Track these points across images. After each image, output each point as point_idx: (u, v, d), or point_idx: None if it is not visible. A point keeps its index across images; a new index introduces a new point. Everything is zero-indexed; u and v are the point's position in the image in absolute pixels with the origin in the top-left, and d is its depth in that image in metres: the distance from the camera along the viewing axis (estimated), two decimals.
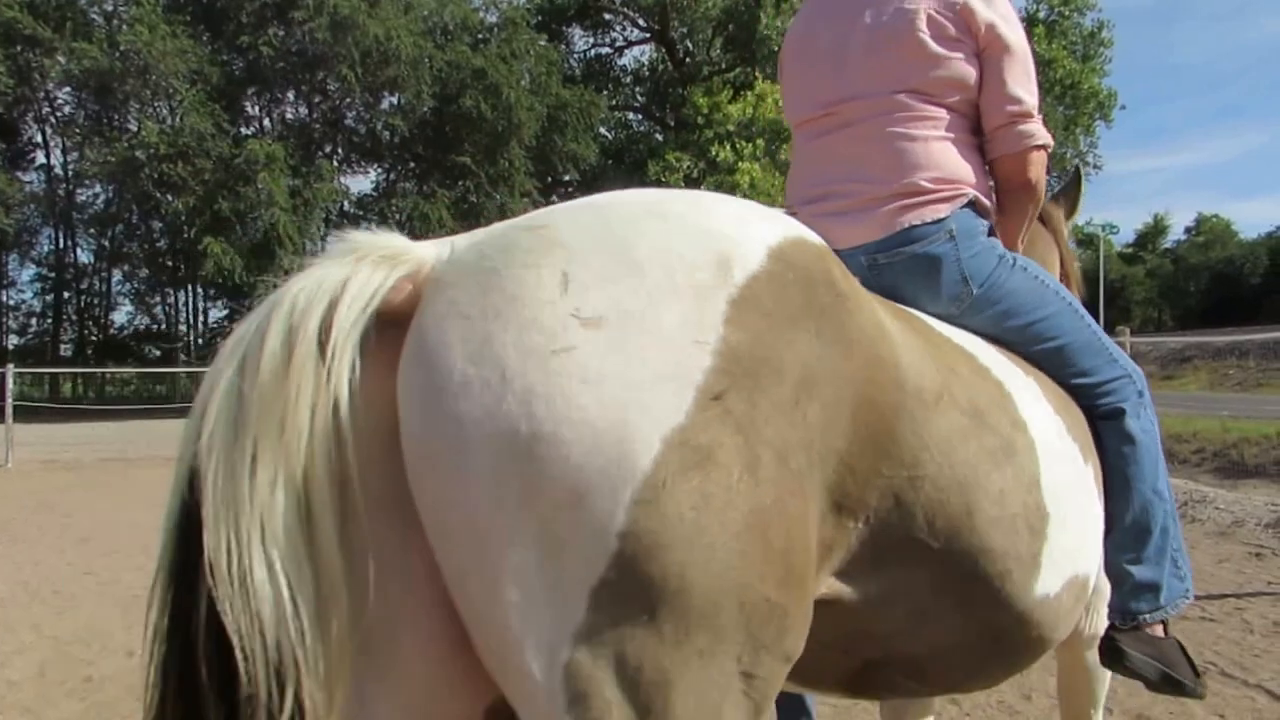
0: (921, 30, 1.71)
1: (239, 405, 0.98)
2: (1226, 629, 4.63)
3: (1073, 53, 36.20)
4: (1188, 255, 75.92)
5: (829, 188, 1.73)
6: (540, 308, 0.95)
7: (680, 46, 39.14)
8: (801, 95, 1.88)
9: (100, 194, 35.09)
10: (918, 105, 1.73)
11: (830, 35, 1.81)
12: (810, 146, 1.85)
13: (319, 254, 1.15)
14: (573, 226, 1.06)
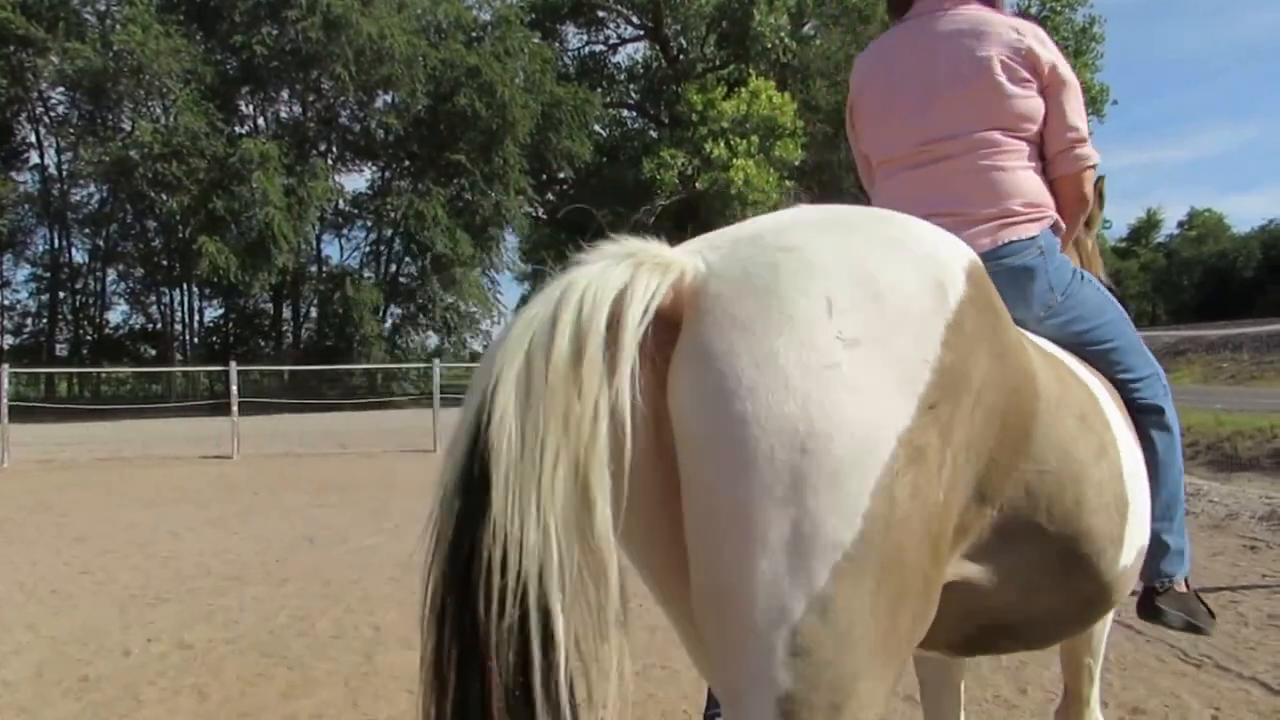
0: (999, 74, 1.96)
1: (529, 389, 1.10)
2: (1221, 622, 4.63)
3: (1064, 48, 36.25)
4: (1181, 249, 76.12)
5: (932, 210, 1.85)
6: (813, 329, 1.14)
7: (674, 43, 39.11)
8: (892, 136, 2.11)
9: (94, 194, 34.98)
10: (1002, 140, 1.99)
11: (913, 83, 2.05)
12: (907, 177, 2.07)
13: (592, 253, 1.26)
14: (822, 252, 1.23)
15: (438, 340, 36.31)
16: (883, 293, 1.20)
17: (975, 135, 1.98)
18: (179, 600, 5.71)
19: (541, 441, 1.08)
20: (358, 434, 18.98)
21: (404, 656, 4.47)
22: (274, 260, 28.96)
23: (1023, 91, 1.98)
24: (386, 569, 6.44)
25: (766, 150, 31.64)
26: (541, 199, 41.06)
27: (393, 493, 10.48)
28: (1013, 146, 2.00)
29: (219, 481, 11.94)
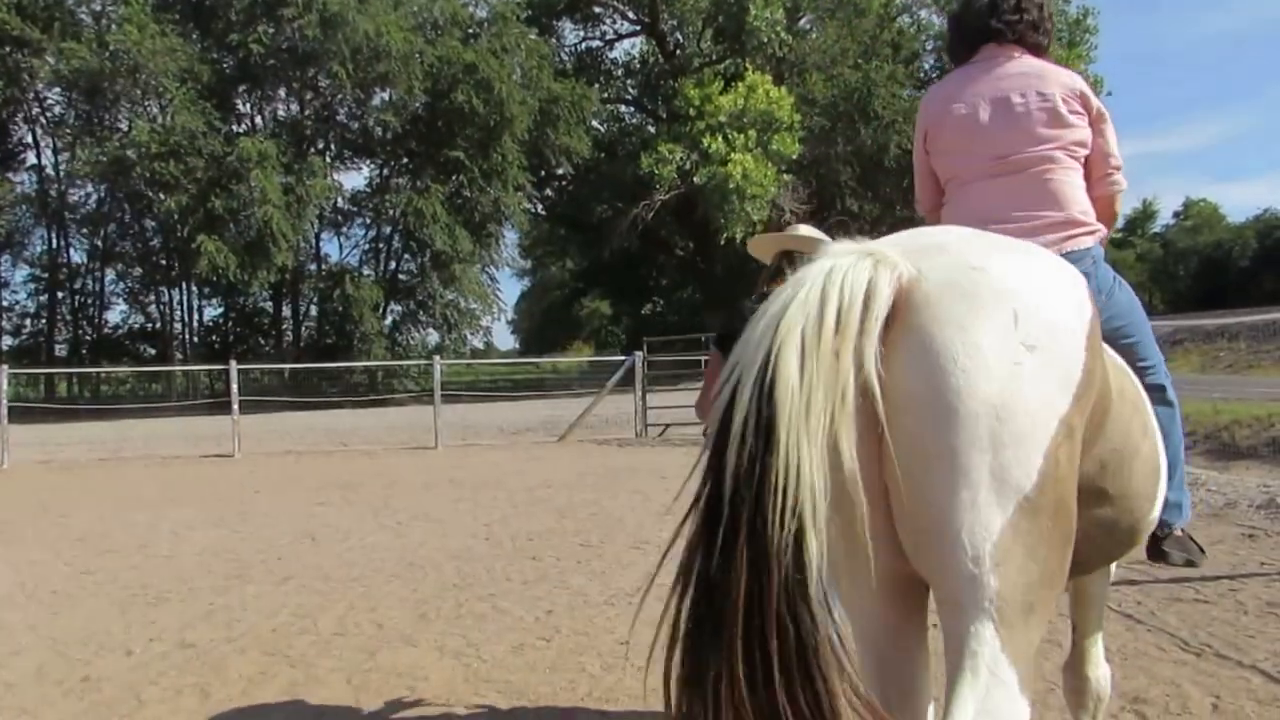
0: (1062, 109, 2.42)
1: (804, 354, 1.43)
2: (1220, 610, 4.65)
3: (1058, 40, 36.24)
4: (1177, 239, 76.06)
5: (1009, 214, 2.34)
6: (1007, 334, 1.51)
7: (670, 39, 39.07)
8: (970, 155, 2.50)
9: (92, 194, 35.02)
10: (1065, 160, 2.43)
11: (988, 112, 2.46)
12: (984, 187, 2.47)
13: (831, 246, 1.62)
14: (1006, 274, 1.59)
15: (438, 337, 36.34)
16: (1048, 310, 1.59)
17: (1045, 153, 2.41)
18: (180, 599, 5.72)
19: (809, 395, 1.41)
20: (359, 431, 19.00)
21: (406, 653, 4.48)
22: (273, 258, 28.95)
23: (1079, 122, 2.44)
24: (388, 566, 6.45)
25: (764, 144, 31.63)
26: (540, 195, 41.05)
27: (394, 490, 10.49)
28: (1069, 165, 2.44)
29: (220, 480, 11.95)
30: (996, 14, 2.53)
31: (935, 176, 2.67)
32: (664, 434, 16.07)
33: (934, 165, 2.65)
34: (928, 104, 2.64)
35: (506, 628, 4.88)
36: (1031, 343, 1.53)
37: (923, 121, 2.65)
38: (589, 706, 3.75)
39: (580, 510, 8.72)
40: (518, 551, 6.87)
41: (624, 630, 4.74)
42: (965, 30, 2.62)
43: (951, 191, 2.59)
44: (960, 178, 2.54)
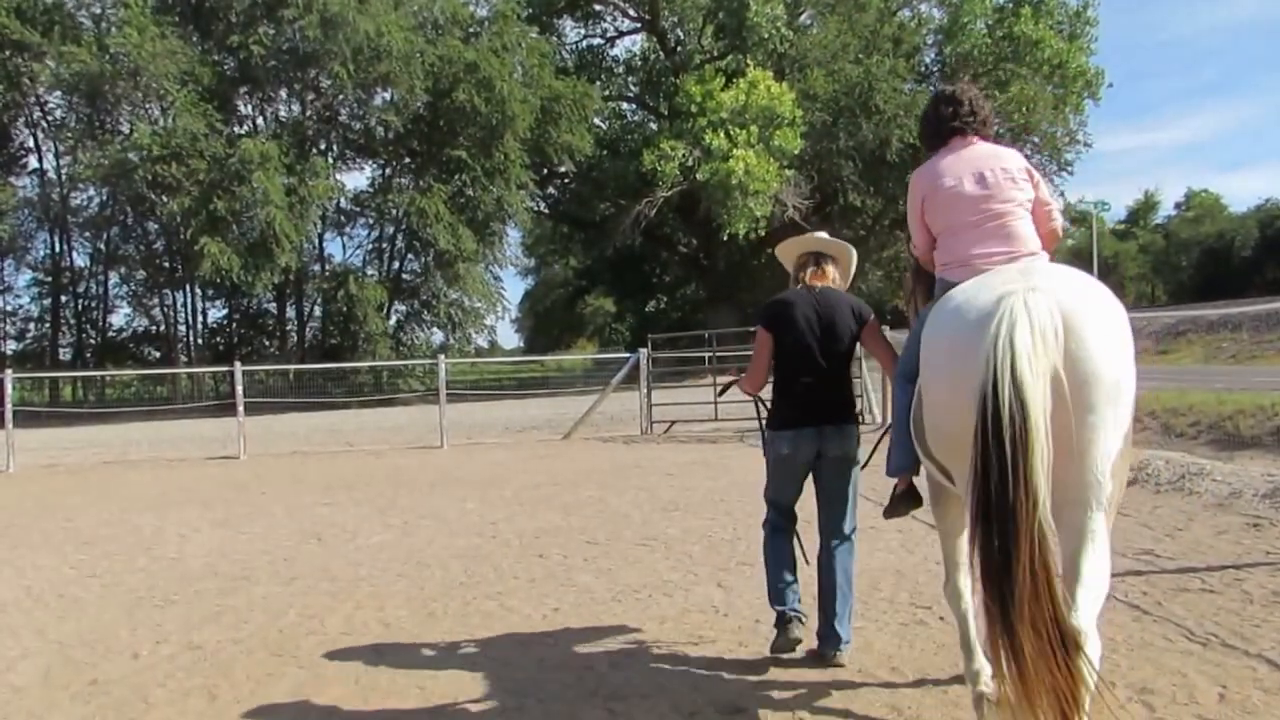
0: (1018, 178, 3.43)
1: (1033, 360, 2.38)
2: (1226, 599, 4.64)
3: (1059, 32, 36.12)
4: (1179, 230, 75.63)
5: (991, 250, 3.33)
6: (1120, 338, 2.61)
7: (671, 35, 39.04)
8: (959, 211, 3.44)
9: (94, 197, 35.05)
10: (1021, 212, 3.41)
11: (971, 183, 3.43)
12: (973, 232, 3.40)
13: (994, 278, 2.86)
14: (1107, 301, 2.69)
15: (442, 336, 36.34)
16: (1125, 321, 2.69)
17: (1008, 208, 3.40)
18: (187, 601, 5.73)
19: (1040, 387, 2.37)
20: (364, 431, 19.02)
21: (414, 652, 4.49)
22: (276, 260, 28.97)
23: (1028, 187, 3.45)
24: (395, 565, 6.46)
25: (766, 140, 31.59)
26: (543, 193, 41.04)
27: (400, 489, 10.50)
28: (1023, 215, 3.42)
29: (225, 482, 11.97)
30: (959, 117, 3.57)
31: (928, 229, 3.61)
32: (669, 431, 16.06)
33: (927, 220, 3.59)
34: (921, 179, 3.61)
35: (514, 625, 4.89)
36: (1127, 341, 2.64)
37: (919, 191, 3.61)
38: (596, 704, 3.75)
39: (586, 508, 8.73)
40: (524, 549, 6.87)
41: (632, 627, 4.75)
42: (939, 126, 3.62)
43: (944, 238, 3.52)
44: (952, 229, 3.48)
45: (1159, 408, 11.46)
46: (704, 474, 10.74)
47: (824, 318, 4.05)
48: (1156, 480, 7.96)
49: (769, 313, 4.16)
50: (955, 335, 2.70)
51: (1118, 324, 2.60)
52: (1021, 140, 37.93)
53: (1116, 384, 2.50)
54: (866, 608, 4.87)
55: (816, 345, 4.03)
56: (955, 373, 2.63)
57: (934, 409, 2.89)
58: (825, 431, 4.04)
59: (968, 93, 3.62)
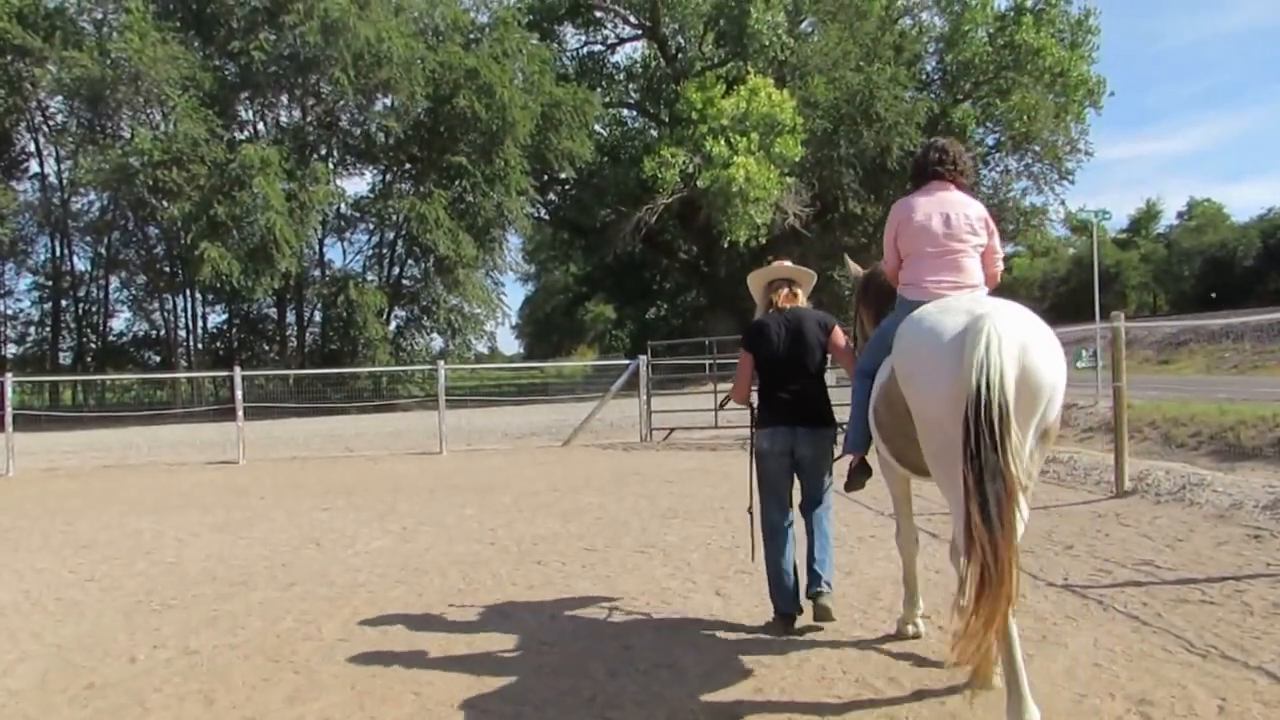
0: (976, 225, 4.17)
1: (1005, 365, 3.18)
2: (1226, 611, 4.63)
3: (1061, 41, 36.18)
4: (1181, 240, 75.75)
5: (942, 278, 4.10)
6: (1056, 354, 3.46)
7: (672, 42, 39.11)
8: (925, 240, 4.15)
9: (95, 201, 35.06)
10: (973, 253, 4.16)
11: (938, 221, 4.14)
12: (934, 261, 4.13)
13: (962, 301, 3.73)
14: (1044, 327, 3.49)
15: (442, 342, 36.33)
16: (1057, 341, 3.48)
17: (964, 248, 4.15)
18: (185, 606, 5.72)
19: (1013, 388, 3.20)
20: (363, 437, 19.01)
21: (411, 659, 4.48)
22: (277, 265, 28.98)
23: (984, 233, 4.21)
24: (393, 572, 6.45)
25: (766, 147, 31.62)
26: (543, 200, 41.08)
27: (399, 495, 10.49)
28: (975, 255, 4.18)
29: (224, 487, 11.96)
30: (943, 164, 4.29)
31: (898, 251, 4.32)
32: (669, 438, 16.05)
33: (898, 245, 4.31)
34: (899, 210, 4.31)
35: (511, 633, 4.87)
36: (1062, 360, 3.49)
37: (895, 220, 4.32)
38: (593, 712, 3.74)
39: (585, 515, 8.72)
40: (523, 556, 6.86)
41: (628, 634, 4.74)
42: (925, 169, 4.34)
43: (909, 261, 4.23)
44: (916, 255, 4.20)
45: (1160, 418, 11.45)
46: (703, 481, 10.72)
47: (794, 334, 4.79)
48: (1157, 491, 7.94)
49: (749, 336, 4.94)
50: (935, 347, 3.43)
51: (1056, 348, 3.45)
52: (1023, 149, 38.00)
53: (1055, 389, 3.42)
54: (866, 616, 4.87)
55: (789, 358, 4.77)
56: (936, 375, 3.38)
57: (915, 408, 3.57)
58: (798, 432, 4.70)
59: (954, 147, 4.36)
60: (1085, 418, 13.10)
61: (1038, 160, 38.40)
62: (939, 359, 3.38)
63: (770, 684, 3.95)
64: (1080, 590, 5.18)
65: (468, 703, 3.88)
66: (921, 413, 3.54)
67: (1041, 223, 42.05)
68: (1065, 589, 5.23)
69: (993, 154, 39.70)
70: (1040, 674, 3.86)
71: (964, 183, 4.30)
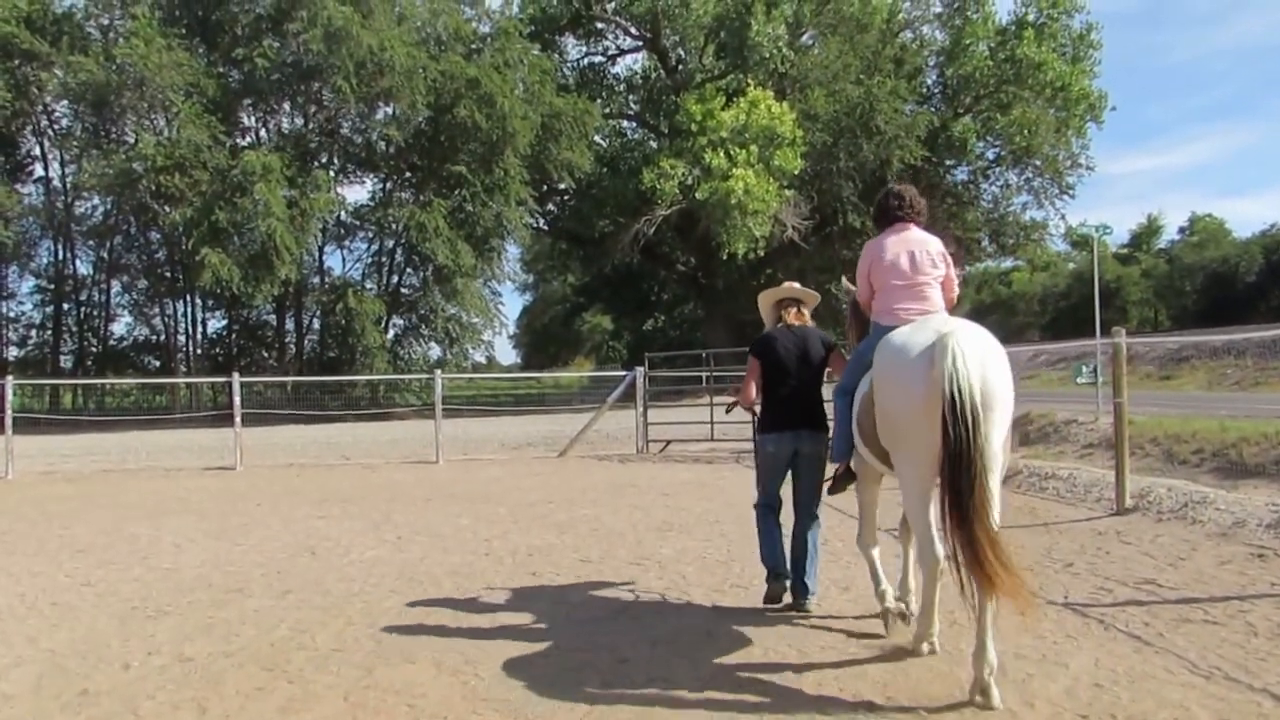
0: (937, 260, 4.74)
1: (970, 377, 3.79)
2: (1230, 632, 4.59)
3: (1062, 55, 36.26)
4: (1183, 255, 75.83)
5: (909, 307, 4.65)
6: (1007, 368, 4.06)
7: (673, 54, 39.21)
8: (895, 275, 4.73)
9: (99, 206, 35.06)
10: (935, 284, 4.71)
11: (905, 260, 4.72)
12: (903, 292, 4.71)
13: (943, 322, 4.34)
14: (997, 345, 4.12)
15: (439, 351, 36.28)
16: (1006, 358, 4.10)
17: (927, 280, 4.73)
18: (179, 613, 5.68)
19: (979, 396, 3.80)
20: (360, 445, 18.96)
21: (405, 670, 4.44)
22: (276, 272, 28.97)
23: (943, 265, 4.79)
24: (388, 581, 6.41)
25: (766, 160, 31.67)
26: (542, 210, 41.11)
27: (395, 504, 10.45)
28: (936, 286, 4.75)
29: (221, 493, 11.92)
30: (902, 209, 4.88)
31: (871, 285, 4.93)
32: (665, 450, 16.02)
33: (871, 279, 4.91)
34: (871, 249, 4.93)
35: (505, 644, 4.84)
36: (1010, 374, 4.03)
37: (868, 258, 4.93)
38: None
39: (580, 526, 8.68)
40: (517, 567, 6.83)
41: (624, 647, 4.71)
42: (887, 213, 4.93)
43: (880, 294, 4.84)
44: (887, 288, 4.81)
45: (1161, 434, 11.39)
46: (699, 494, 10.69)
47: (800, 348, 5.41)
48: (1159, 508, 7.90)
49: (759, 345, 5.54)
50: (906, 363, 4.11)
51: (1006, 363, 4.08)
52: (1023, 163, 38.01)
53: (1008, 400, 4.04)
54: (863, 634, 4.83)
55: (794, 369, 5.37)
56: (909, 387, 4.05)
57: (889, 412, 4.22)
58: (801, 435, 5.35)
59: (909, 191, 4.97)
60: (1085, 434, 13.06)
61: (1038, 174, 38.40)
62: (912, 370, 4.05)
63: (764, 699, 3.91)
64: (1081, 609, 5.15)
65: (461, 715, 3.84)
66: (895, 415, 4.18)
67: (1042, 237, 41.97)
68: (1066, 607, 5.20)
69: (993, 168, 39.75)
70: (1040, 694, 3.83)
71: (920, 221, 4.90)
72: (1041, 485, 9.83)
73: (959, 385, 3.76)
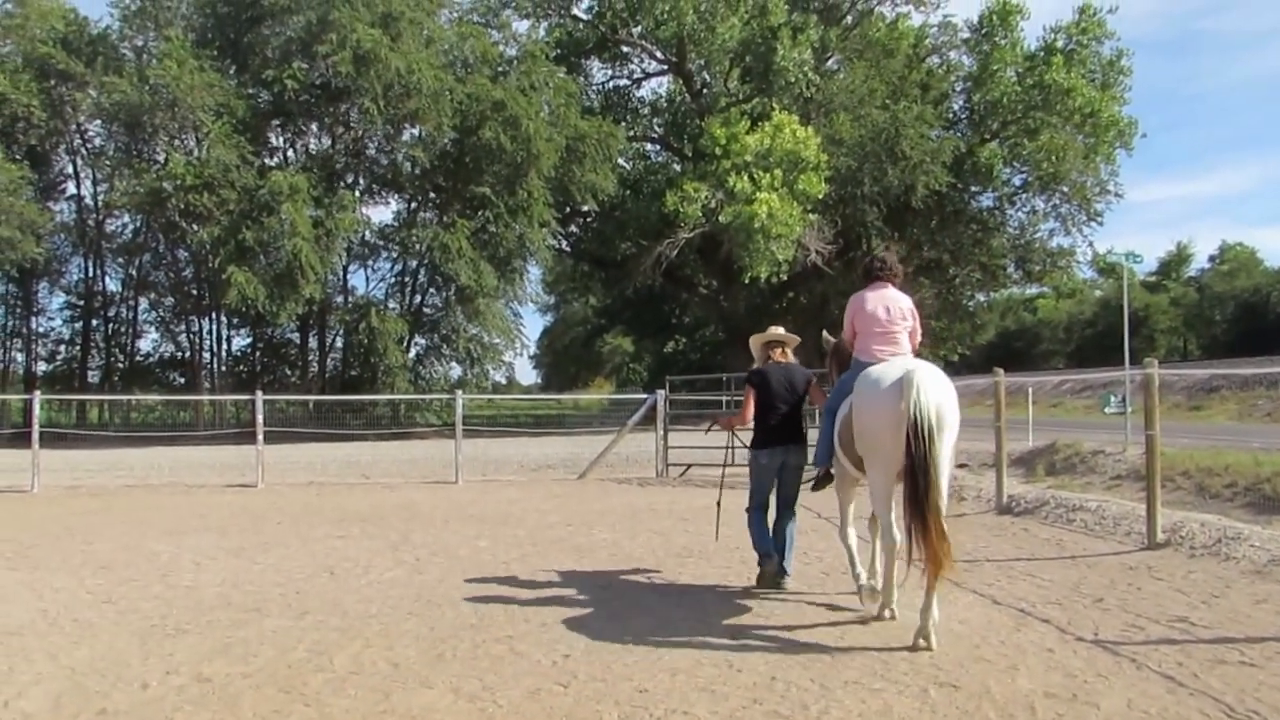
0: (906, 314, 6.00)
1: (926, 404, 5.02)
2: (1268, 674, 4.46)
3: (1091, 81, 36.04)
4: (1212, 284, 75.01)
5: (885, 349, 5.84)
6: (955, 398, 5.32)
7: (698, 78, 39.36)
8: (873, 323, 5.92)
9: (128, 224, 35.60)
10: (904, 332, 5.95)
11: (882, 311, 5.93)
12: (881, 336, 5.90)
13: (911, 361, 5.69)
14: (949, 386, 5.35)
15: (460, 371, 36.36)
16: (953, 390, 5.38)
17: (899, 329, 5.91)
18: (199, 631, 5.68)
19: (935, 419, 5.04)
20: (380, 464, 19.00)
21: (421, 695, 4.40)
22: (301, 290, 29.19)
23: (911, 319, 5.99)
24: (405, 603, 6.38)
25: (790, 184, 31.65)
26: (565, 231, 41.23)
27: (414, 524, 10.43)
28: (905, 334, 5.93)
29: (242, 510, 11.96)
30: (883, 271, 6.13)
31: (854, 328, 6.08)
32: (685, 474, 15.91)
33: (855, 325, 6.06)
34: (855, 301, 6.09)
35: (523, 671, 4.79)
36: (956, 402, 5.30)
37: (853, 308, 6.10)
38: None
39: (599, 550, 8.63)
40: (536, 591, 6.78)
41: (642, 677, 4.64)
42: (870, 274, 6.18)
43: (860, 337, 6.02)
44: (866, 333, 5.98)
45: (1192, 467, 11.18)
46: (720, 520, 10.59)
47: (787, 380, 6.77)
48: (1191, 544, 7.74)
49: (755, 377, 6.86)
50: (880, 393, 5.32)
51: (955, 396, 5.31)
52: (1050, 189, 37.73)
53: (955, 423, 5.28)
54: (887, 668, 4.74)
55: (782, 397, 6.69)
56: (883, 410, 5.24)
57: (865, 429, 5.47)
58: (789, 449, 6.70)
59: (890, 257, 6.29)
60: (1113, 465, 12.86)
61: (1065, 201, 38.10)
62: (885, 398, 5.25)
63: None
64: (1112, 646, 5.03)
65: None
66: (870, 432, 5.43)
67: (1069, 264, 41.59)
68: (1096, 644, 5.08)
69: (1019, 194, 39.49)
70: None
71: (897, 282, 6.16)
72: (1069, 517, 9.66)
73: (920, 412, 4.97)
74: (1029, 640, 5.20)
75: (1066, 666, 4.63)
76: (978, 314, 47.95)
